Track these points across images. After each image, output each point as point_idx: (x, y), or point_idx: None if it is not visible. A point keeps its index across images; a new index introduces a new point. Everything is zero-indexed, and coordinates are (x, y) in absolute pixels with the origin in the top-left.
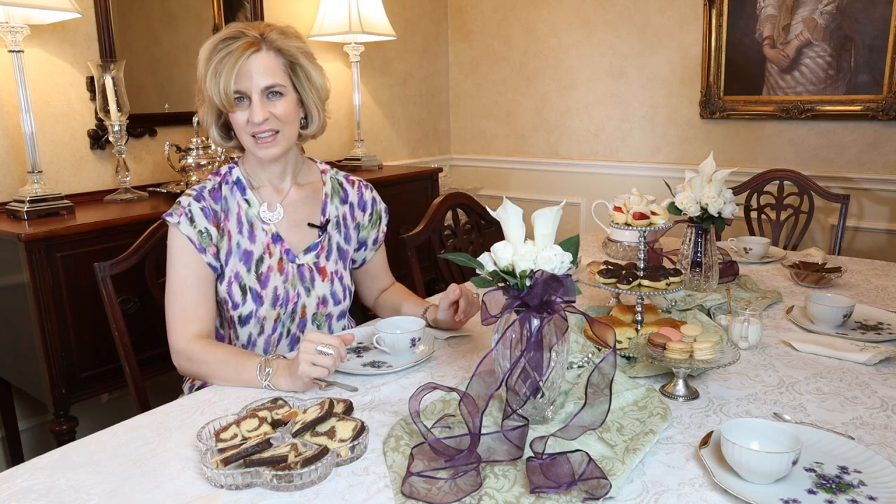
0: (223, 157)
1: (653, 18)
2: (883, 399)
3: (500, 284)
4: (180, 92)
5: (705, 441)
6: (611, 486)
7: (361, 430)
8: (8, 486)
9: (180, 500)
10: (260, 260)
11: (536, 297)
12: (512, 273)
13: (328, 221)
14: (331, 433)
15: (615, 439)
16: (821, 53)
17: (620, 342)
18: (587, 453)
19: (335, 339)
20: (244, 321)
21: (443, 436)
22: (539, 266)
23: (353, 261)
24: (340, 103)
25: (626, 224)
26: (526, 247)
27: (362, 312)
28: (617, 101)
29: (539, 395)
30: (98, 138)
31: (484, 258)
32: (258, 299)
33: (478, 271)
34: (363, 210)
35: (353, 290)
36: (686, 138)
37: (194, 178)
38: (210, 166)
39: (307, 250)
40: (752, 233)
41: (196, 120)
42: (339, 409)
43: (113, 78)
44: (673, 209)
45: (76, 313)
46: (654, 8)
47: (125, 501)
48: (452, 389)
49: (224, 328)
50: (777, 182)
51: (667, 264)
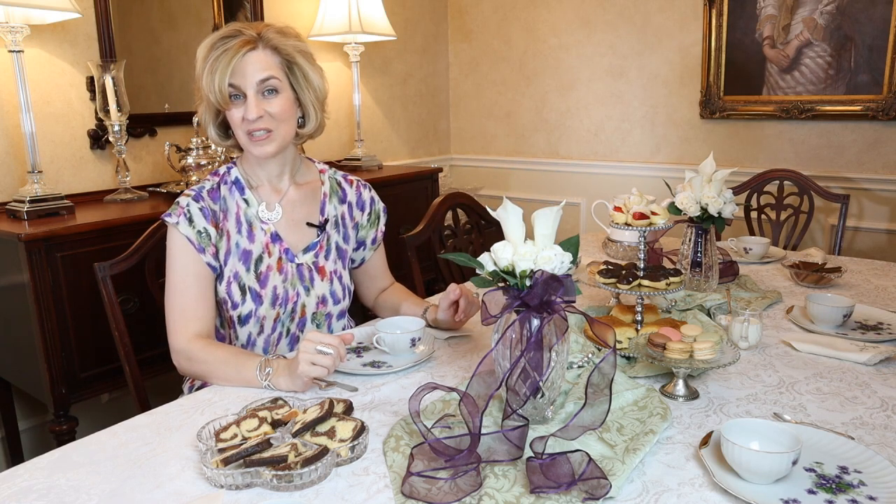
0: (223, 157)
1: (653, 18)
2: (883, 399)
3: (500, 284)
4: (180, 92)
5: (705, 441)
6: (611, 486)
7: (361, 430)
8: (8, 486)
9: (180, 500)
10: (259, 259)
11: (536, 297)
12: (512, 273)
13: (327, 221)
14: (331, 433)
15: (615, 439)
16: (821, 53)
17: (620, 342)
18: (587, 453)
19: (335, 338)
20: (244, 321)
21: (443, 436)
22: (539, 266)
23: (353, 260)
24: (340, 103)
25: (626, 224)
26: (526, 247)
27: (362, 312)
28: (617, 101)
29: (539, 395)
30: (98, 138)
31: (484, 258)
32: (257, 299)
33: (478, 271)
34: (362, 210)
35: (352, 289)
36: (686, 138)
37: (194, 178)
38: (210, 166)
39: (306, 250)
40: (752, 233)
41: (196, 120)
42: (339, 409)
43: (113, 78)
44: (673, 209)
45: (76, 313)
46: (654, 8)
47: (125, 501)
48: (452, 389)
49: (224, 328)
50: (777, 182)
51: (667, 264)
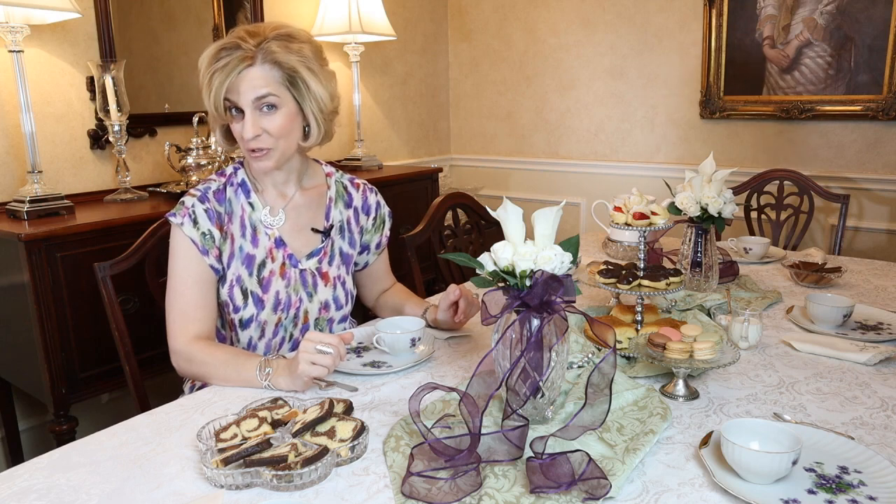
0: (223, 157)
1: (653, 18)
2: (883, 399)
3: (500, 284)
4: (180, 92)
5: (705, 441)
6: (611, 486)
7: (361, 430)
8: (8, 486)
9: (180, 500)
10: (262, 264)
11: (536, 297)
12: (512, 273)
13: (332, 227)
14: (331, 433)
15: (615, 439)
16: (821, 53)
17: (620, 342)
18: (587, 453)
19: (335, 337)
20: (245, 325)
21: (443, 436)
22: (539, 266)
23: (356, 264)
24: (341, 103)
25: (626, 224)
26: (526, 247)
27: (362, 313)
28: (617, 101)
29: (539, 395)
30: (98, 138)
31: (484, 258)
32: (259, 303)
33: (478, 271)
34: (367, 214)
35: (354, 294)
36: (686, 138)
37: (194, 177)
38: (210, 166)
39: (310, 255)
40: (752, 233)
41: (196, 120)
42: (339, 409)
43: (113, 78)
44: (673, 209)
45: (76, 313)
46: (654, 8)
47: (125, 501)
48: (452, 389)
49: (226, 329)
50: (777, 182)
51: (667, 264)
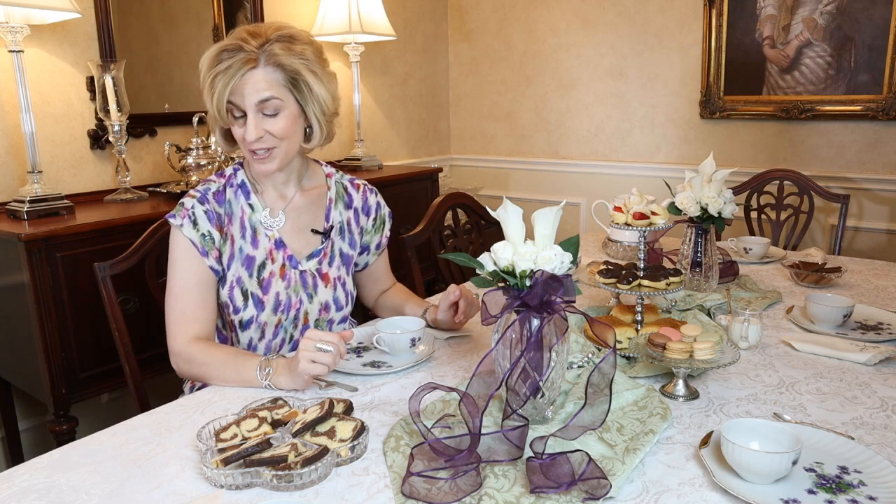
0: (223, 157)
1: (653, 18)
2: (883, 399)
3: (500, 284)
4: (180, 92)
5: (705, 441)
6: (611, 486)
7: (361, 430)
8: (8, 486)
9: (180, 500)
10: (262, 265)
11: (536, 297)
12: (512, 273)
13: (332, 228)
14: (331, 433)
15: (615, 439)
16: (821, 53)
17: (620, 342)
18: (587, 453)
19: (335, 336)
20: (245, 326)
21: (443, 436)
22: (539, 266)
23: (356, 264)
24: (340, 103)
25: (626, 224)
26: (526, 247)
27: (362, 313)
28: (617, 101)
29: (539, 395)
30: (98, 138)
31: (484, 258)
32: (259, 305)
33: (478, 271)
34: (367, 215)
35: (354, 294)
36: (686, 138)
37: (194, 178)
38: (210, 166)
39: (310, 256)
40: (752, 233)
41: (196, 120)
42: (339, 409)
43: (113, 78)
44: (673, 209)
45: (76, 313)
46: (654, 8)
47: (125, 501)
48: (452, 389)
49: (226, 330)
50: (777, 182)
51: (667, 264)
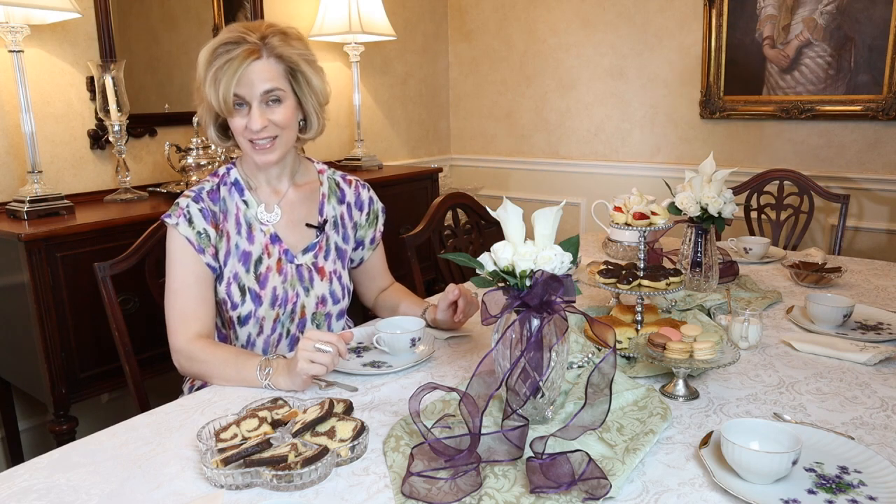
0: (223, 157)
1: (653, 18)
2: (883, 399)
3: (500, 284)
4: (180, 92)
5: (705, 441)
6: (611, 486)
7: (361, 430)
8: (8, 486)
9: (180, 500)
10: (258, 260)
11: (536, 297)
12: (512, 273)
13: (326, 222)
14: (331, 433)
15: (615, 439)
16: (821, 53)
17: (620, 342)
18: (587, 453)
19: (334, 336)
20: (243, 321)
21: (443, 436)
22: (539, 266)
23: (352, 260)
24: (340, 103)
25: (626, 224)
26: (526, 247)
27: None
28: (617, 101)
29: (539, 395)
30: (98, 138)
31: (484, 258)
32: (257, 299)
33: (478, 271)
34: (360, 209)
35: (351, 289)
36: (686, 138)
37: (194, 178)
38: (210, 166)
39: (305, 250)
40: (752, 233)
41: (196, 120)
42: (339, 409)
43: (113, 78)
44: (673, 209)
45: (76, 313)
46: (654, 8)
47: (125, 501)
48: (452, 389)
49: (225, 328)
50: (777, 182)
51: (667, 264)
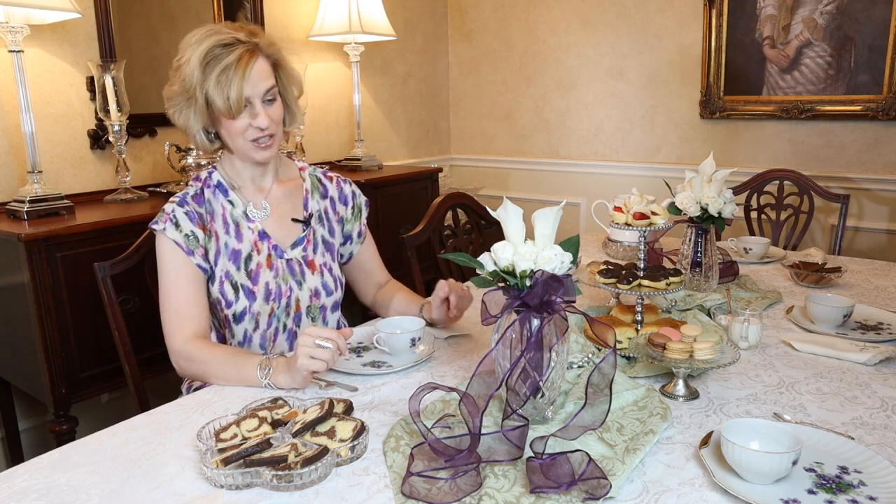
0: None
1: (653, 18)
2: (883, 399)
3: (500, 284)
4: None
5: (705, 441)
6: (611, 486)
7: (361, 430)
8: (8, 486)
9: (180, 500)
10: (249, 257)
11: (536, 297)
12: (512, 273)
13: (311, 216)
14: (331, 433)
15: (615, 439)
16: (821, 53)
17: (620, 342)
18: (587, 453)
19: (334, 332)
20: (238, 318)
21: (443, 436)
22: (539, 266)
23: (342, 255)
24: (340, 103)
25: (626, 224)
26: (526, 247)
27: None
28: (617, 101)
29: (539, 395)
30: (98, 138)
31: (484, 258)
32: (251, 295)
33: (478, 271)
34: (345, 204)
35: (343, 281)
36: (686, 138)
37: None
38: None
39: (294, 245)
40: (752, 233)
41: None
42: (339, 409)
43: (113, 78)
44: (673, 209)
45: (76, 313)
46: (654, 8)
47: (125, 501)
48: (452, 389)
49: (221, 328)
50: (777, 182)
51: (667, 264)
